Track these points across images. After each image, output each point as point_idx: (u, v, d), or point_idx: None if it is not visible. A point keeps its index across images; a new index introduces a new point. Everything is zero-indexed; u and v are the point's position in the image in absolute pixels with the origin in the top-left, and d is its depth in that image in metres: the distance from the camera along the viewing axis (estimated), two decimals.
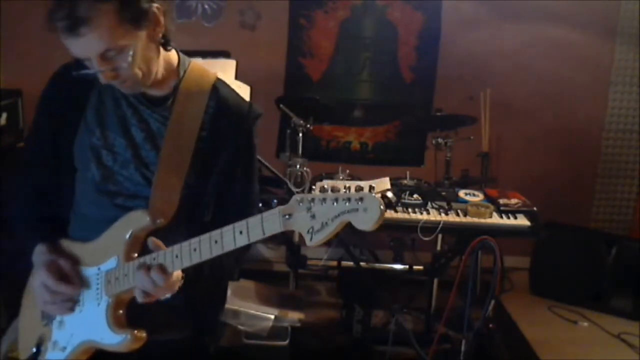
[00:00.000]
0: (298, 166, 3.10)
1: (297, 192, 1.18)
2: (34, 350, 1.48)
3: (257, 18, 4.09)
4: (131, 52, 1.27)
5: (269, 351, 2.70)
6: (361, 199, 1.06)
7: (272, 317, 2.75)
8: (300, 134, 3.10)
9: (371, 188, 1.09)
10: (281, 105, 3.17)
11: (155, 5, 1.31)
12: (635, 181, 4.28)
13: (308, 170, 2.58)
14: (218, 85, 1.47)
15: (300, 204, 1.12)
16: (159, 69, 1.38)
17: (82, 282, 1.41)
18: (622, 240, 3.50)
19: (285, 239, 3.26)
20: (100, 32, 1.23)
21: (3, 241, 2.74)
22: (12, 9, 3.72)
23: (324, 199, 1.10)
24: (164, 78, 1.41)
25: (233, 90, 1.51)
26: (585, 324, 3.29)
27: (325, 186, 1.12)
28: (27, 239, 1.48)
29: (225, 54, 3.01)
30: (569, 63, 4.13)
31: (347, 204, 1.08)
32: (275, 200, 2.64)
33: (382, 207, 1.05)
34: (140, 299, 1.32)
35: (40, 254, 1.43)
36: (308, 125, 3.12)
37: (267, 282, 3.16)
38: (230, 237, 1.21)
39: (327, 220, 1.09)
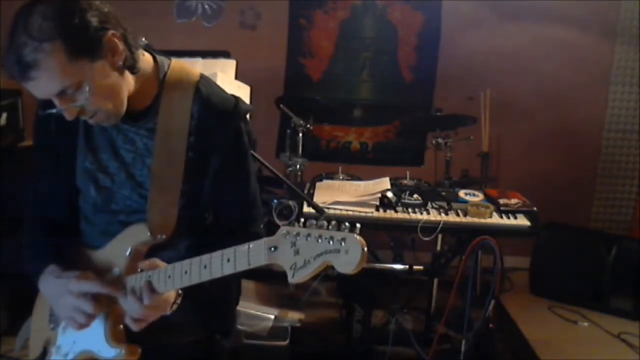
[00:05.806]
0: (298, 166, 3.11)
1: (283, 225, 1.13)
2: (41, 351, 1.50)
3: (257, 18, 4.09)
4: (87, 87, 1.21)
5: (269, 351, 2.70)
6: (344, 240, 1.02)
7: (272, 317, 2.75)
8: (300, 134, 3.11)
9: (353, 227, 1.04)
10: (281, 105, 3.17)
11: (110, 32, 1.22)
12: (635, 181, 4.28)
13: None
14: (201, 86, 1.39)
15: (287, 237, 1.08)
16: (130, 90, 1.31)
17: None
18: (622, 240, 3.50)
19: None
20: (51, 73, 1.17)
21: (4, 244, 2.76)
22: (12, 9, 3.70)
23: (309, 235, 1.05)
24: (141, 91, 1.34)
25: (217, 88, 1.44)
26: (585, 324, 3.29)
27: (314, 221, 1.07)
28: (36, 267, 1.42)
29: (225, 54, 3.01)
30: (569, 63, 4.13)
31: (330, 243, 1.03)
32: (275, 200, 2.63)
33: (364, 249, 1.01)
34: (133, 327, 1.29)
35: (52, 274, 1.37)
36: (308, 125, 3.13)
37: (267, 282, 3.15)
38: (218, 264, 1.18)
39: (310, 258, 1.04)
